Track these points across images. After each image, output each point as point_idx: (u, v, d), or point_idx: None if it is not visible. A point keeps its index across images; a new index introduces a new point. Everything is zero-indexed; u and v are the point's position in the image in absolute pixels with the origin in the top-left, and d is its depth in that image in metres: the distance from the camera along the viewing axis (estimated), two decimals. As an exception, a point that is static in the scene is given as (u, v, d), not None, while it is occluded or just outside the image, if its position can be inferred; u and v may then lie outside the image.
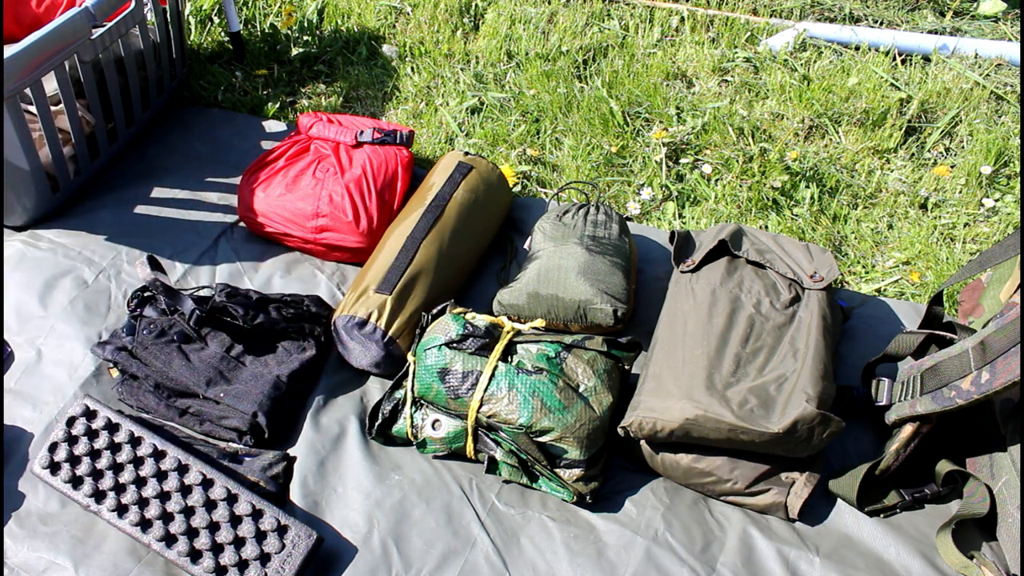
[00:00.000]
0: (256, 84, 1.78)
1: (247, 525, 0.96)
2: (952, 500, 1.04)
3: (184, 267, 1.34)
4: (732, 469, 1.00)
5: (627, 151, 1.60)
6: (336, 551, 0.99)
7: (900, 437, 1.02)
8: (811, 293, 1.14)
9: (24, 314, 1.24)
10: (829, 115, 1.65)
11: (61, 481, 1.01)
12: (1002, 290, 1.12)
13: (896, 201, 1.50)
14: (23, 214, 1.37)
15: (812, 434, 0.95)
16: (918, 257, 1.39)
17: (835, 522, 1.02)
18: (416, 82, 1.79)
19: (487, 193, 1.34)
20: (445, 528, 1.01)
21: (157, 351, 1.13)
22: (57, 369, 1.18)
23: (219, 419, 1.09)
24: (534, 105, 1.70)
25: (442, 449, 1.06)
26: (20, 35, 1.55)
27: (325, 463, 1.08)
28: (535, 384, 1.00)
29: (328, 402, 1.15)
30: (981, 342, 0.92)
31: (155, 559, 0.98)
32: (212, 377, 1.12)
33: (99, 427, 1.03)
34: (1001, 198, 1.49)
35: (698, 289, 1.16)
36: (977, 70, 1.77)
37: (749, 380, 1.02)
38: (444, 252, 1.24)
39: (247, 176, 1.38)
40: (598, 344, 1.07)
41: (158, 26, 1.52)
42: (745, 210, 1.48)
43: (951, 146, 1.62)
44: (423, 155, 1.61)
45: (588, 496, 1.01)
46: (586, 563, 0.98)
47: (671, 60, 1.83)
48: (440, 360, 1.04)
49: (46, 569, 0.97)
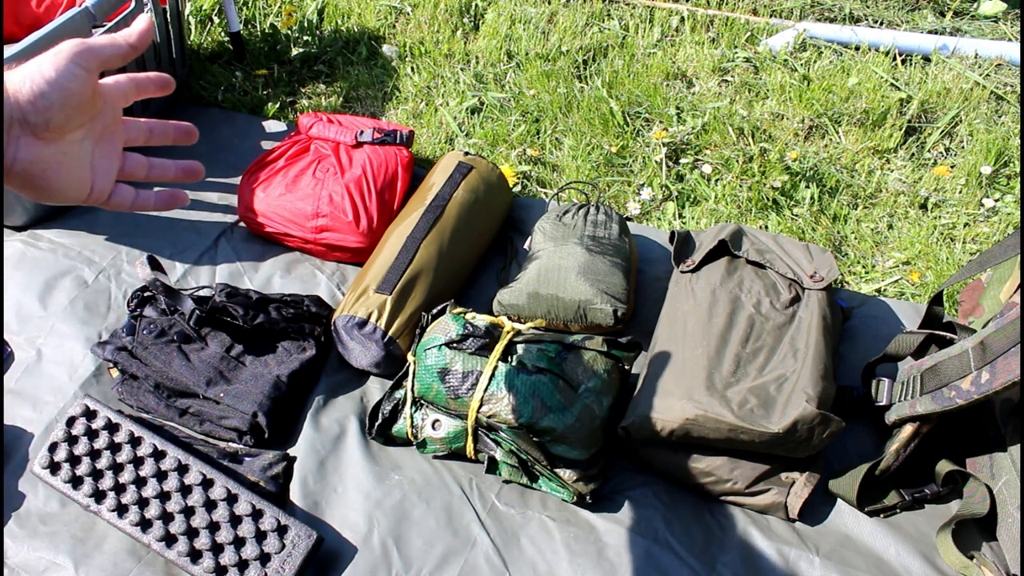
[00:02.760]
0: (256, 84, 1.78)
1: (247, 525, 0.97)
2: (952, 500, 1.04)
3: (184, 267, 1.34)
4: (732, 469, 1.00)
5: (627, 151, 1.60)
6: (336, 551, 0.99)
7: (900, 437, 1.02)
8: (811, 293, 1.14)
9: (24, 314, 1.24)
10: (829, 115, 1.65)
11: (61, 481, 1.01)
12: (1002, 290, 1.12)
13: (896, 201, 1.50)
14: (23, 214, 1.37)
15: (812, 434, 0.96)
16: (918, 257, 1.39)
17: (835, 522, 1.02)
18: (416, 82, 1.79)
19: (487, 193, 1.34)
20: (445, 528, 1.01)
21: (157, 351, 1.13)
22: (57, 369, 1.18)
23: (219, 419, 1.09)
24: (534, 105, 1.70)
25: (442, 449, 1.06)
26: (20, 35, 1.55)
27: (325, 463, 1.08)
28: (535, 384, 1.00)
29: (328, 402, 1.15)
30: (981, 342, 0.92)
31: (155, 559, 0.98)
32: (212, 377, 1.12)
33: (99, 427, 1.03)
34: (1001, 198, 1.49)
35: (698, 289, 1.16)
36: (977, 70, 1.77)
37: (749, 380, 1.02)
38: (444, 252, 1.24)
39: (247, 176, 1.38)
40: (598, 344, 1.07)
41: (158, 26, 1.52)
42: (745, 210, 1.48)
43: (951, 146, 1.62)
44: (423, 155, 1.61)
45: (588, 496, 1.01)
46: (586, 563, 0.98)
47: (671, 60, 1.83)
48: (440, 360, 1.04)
49: (46, 569, 0.97)
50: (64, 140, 0.49)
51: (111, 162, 0.54)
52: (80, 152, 0.51)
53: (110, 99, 0.52)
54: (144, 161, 0.57)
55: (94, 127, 0.52)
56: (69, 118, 0.48)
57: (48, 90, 0.46)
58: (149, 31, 0.51)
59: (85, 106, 0.49)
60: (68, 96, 0.47)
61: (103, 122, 0.52)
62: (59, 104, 0.47)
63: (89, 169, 0.52)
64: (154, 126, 0.58)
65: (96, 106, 0.50)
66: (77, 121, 0.49)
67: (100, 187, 0.53)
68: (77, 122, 0.49)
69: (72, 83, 0.47)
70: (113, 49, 0.49)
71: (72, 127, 0.49)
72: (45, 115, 0.46)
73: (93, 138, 0.52)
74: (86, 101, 0.48)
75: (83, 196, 0.52)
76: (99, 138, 0.53)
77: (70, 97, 0.47)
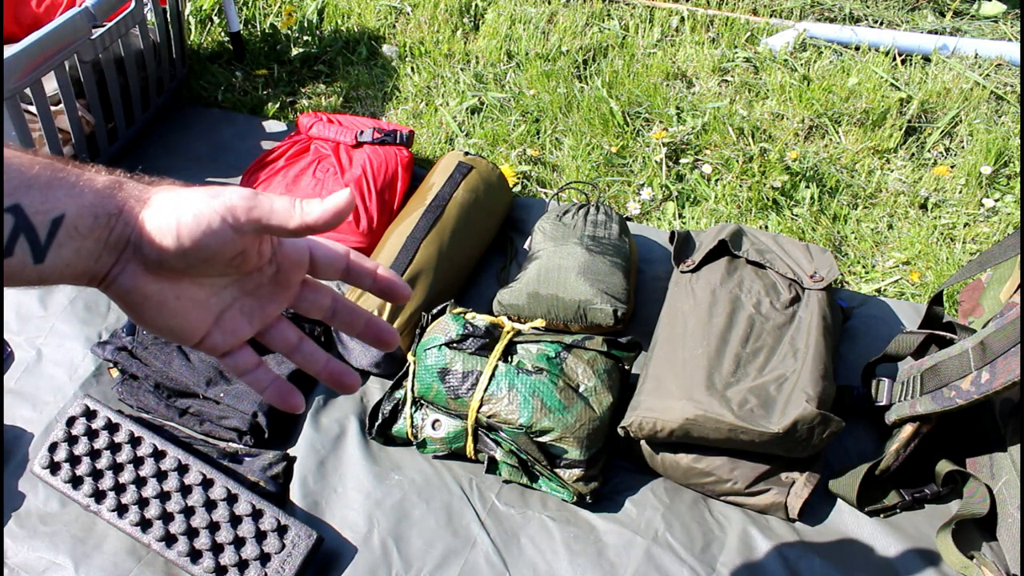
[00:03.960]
0: (256, 84, 1.78)
1: (247, 525, 0.97)
2: (952, 500, 1.04)
3: (184, 267, 1.34)
4: (732, 469, 1.00)
5: (627, 151, 1.60)
6: (336, 551, 0.99)
7: (900, 437, 1.02)
8: (811, 293, 1.14)
9: (24, 314, 1.24)
10: (829, 115, 1.65)
11: (61, 481, 1.01)
12: (1002, 290, 1.12)
13: (896, 201, 1.50)
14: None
15: (812, 434, 0.96)
16: (918, 257, 1.39)
17: (835, 522, 1.02)
18: (416, 82, 1.78)
19: (487, 193, 1.34)
20: (445, 528, 1.01)
21: (157, 351, 1.13)
22: (57, 369, 1.18)
23: (219, 419, 1.10)
24: (534, 105, 1.70)
25: (442, 449, 1.06)
26: (20, 35, 1.55)
27: (325, 463, 1.08)
28: (535, 384, 1.00)
29: (328, 402, 1.15)
30: (981, 342, 0.92)
31: (155, 559, 0.98)
32: (212, 377, 1.12)
33: (99, 427, 1.03)
34: (1001, 198, 1.49)
35: (698, 289, 1.15)
36: (977, 70, 1.77)
37: (749, 380, 1.02)
38: (444, 252, 1.24)
39: (247, 176, 1.38)
40: (598, 344, 1.07)
41: (158, 26, 1.52)
42: (745, 210, 1.48)
43: (951, 146, 1.62)
44: (423, 155, 1.61)
45: (588, 496, 1.01)
46: (586, 563, 0.98)
47: (671, 60, 1.83)
48: (440, 360, 1.04)
49: (46, 569, 0.97)
50: (187, 281, 0.42)
51: (248, 324, 0.45)
52: (208, 300, 0.43)
53: (284, 263, 0.45)
54: (293, 341, 0.48)
55: (247, 282, 0.44)
56: (194, 268, 0.41)
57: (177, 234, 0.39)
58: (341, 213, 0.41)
59: (225, 263, 0.41)
60: (198, 249, 0.39)
61: (258, 281, 0.45)
62: (180, 254, 0.40)
63: (211, 320, 0.44)
64: (340, 308, 0.48)
65: (246, 265, 0.42)
66: (209, 272, 0.42)
67: (215, 342, 0.45)
68: (210, 273, 0.42)
69: (209, 238, 0.39)
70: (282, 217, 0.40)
71: (201, 275, 0.42)
72: (161, 256, 0.40)
73: (240, 290, 0.44)
74: (228, 258, 0.41)
75: (187, 343, 0.44)
76: (249, 293, 0.45)
77: (201, 251, 0.40)
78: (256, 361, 0.47)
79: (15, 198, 0.37)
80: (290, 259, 0.45)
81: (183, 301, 0.42)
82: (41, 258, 0.38)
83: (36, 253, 0.38)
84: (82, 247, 0.39)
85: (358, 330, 0.48)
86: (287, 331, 0.48)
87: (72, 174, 0.39)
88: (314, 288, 0.47)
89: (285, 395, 0.47)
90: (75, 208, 0.38)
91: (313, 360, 0.48)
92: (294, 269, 0.45)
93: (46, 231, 0.38)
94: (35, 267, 0.38)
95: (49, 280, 0.39)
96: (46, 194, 0.38)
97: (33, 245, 0.37)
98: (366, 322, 0.48)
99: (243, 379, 0.47)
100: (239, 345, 0.46)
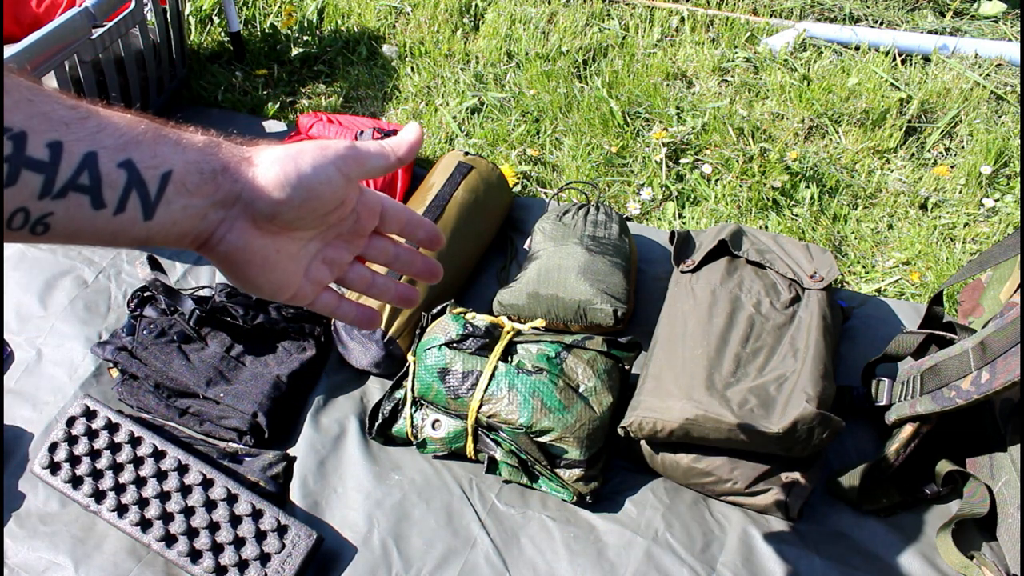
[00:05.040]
0: (256, 84, 1.78)
1: (247, 525, 0.97)
2: (952, 500, 1.04)
3: (184, 267, 1.34)
4: (732, 469, 1.00)
5: (627, 151, 1.60)
6: (336, 551, 0.99)
7: (900, 437, 1.02)
8: (811, 293, 1.14)
9: (24, 314, 1.24)
10: (829, 115, 1.65)
11: (61, 481, 1.01)
12: (1002, 290, 1.12)
13: (896, 201, 1.50)
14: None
15: (812, 434, 0.95)
16: (918, 257, 1.39)
17: (835, 522, 1.02)
18: (416, 82, 1.78)
19: (487, 193, 1.34)
20: (445, 528, 1.01)
21: (157, 351, 1.13)
22: (57, 369, 1.18)
23: (219, 419, 1.10)
24: (534, 105, 1.70)
25: (442, 449, 1.06)
26: (20, 35, 1.55)
27: (325, 463, 1.08)
28: (535, 384, 1.00)
29: (328, 402, 1.15)
30: (981, 342, 0.92)
31: (155, 559, 0.98)
32: (212, 377, 1.12)
33: (99, 427, 1.03)
34: (1001, 198, 1.49)
35: (698, 289, 1.15)
36: (977, 70, 1.77)
37: (749, 380, 1.02)
38: (444, 252, 1.24)
39: (247, 176, 1.38)
40: (598, 344, 1.07)
41: (158, 26, 1.52)
42: (745, 210, 1.48)
43: (951, 146, 1.62)
44: (423, 155, 1.61)
45: (588, 496, 1.01)
46: (586, 563, 0.98)
47: (671, 60, 1.83)
48: (440, 360, 1.04)
49: (46, 569, 0.97)
50: (284, 236, 0.43)
51: (329, 271, 0.48)
52: (299, 253, 0.45)
53: (363, 212, 0.47)
54: (367, 277, 0.51)
55: (328, 232, 0.46)
56: (302, 219, 0.43)
57: (296, 184, 0.40)
58: (418, 144, 0.46)
59: (327, 212, 0.43)
60: (313, 199, 0.41)
61: (340, 230, 0.47)
62: (298, 204, 0.41)
63: (301, 272, 0.46)
64: (401, 253, 0.52)
65: (341, 214, 0.45)
66: (310, 224, 0.44)
67: (305, 292, 0.47)
68: (310, 225, 0.44)
69: (325, 187, 0.42)
70: (380, 159, 0.45)
71: (302, 227, 0.44)
72: (275, 208, 0.41)
73: (322, 241, 0.47)
74: (332, 208, 0.43)
75: (282, 297, 0.46)
76: (328, 243, 0.47)
77: (315, 200, 0.42)
78: (338, 298, 0.51)
79: (126, 153, 0.37)
80: (368, 208, 0.48)
81: (282, 257, 0.44)
82: (151, 214, 0.38)
83: (146, 209, 0.38)
84: (189, 204, 0.39)
85: (416, 269, 0.53)
86: (360, 272, 0.51)
87: (173, 133, 0.40)
88: (380, 236, 0.51)
89: (371, 319, 0.53)
90: (182, 164, 0.39)
91: (387, 290, 0.53)
92: (369, 218, 0.48)
93: (156, 186, 0.38)
94: (144, 224, 0.38)
95: (154, 239, 0.39)
96: (154, 149, 0.38)
97: (144, 200, 0.38)
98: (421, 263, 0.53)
99: (331, 315, 0.51)
100: (321, 291, 0.49)
